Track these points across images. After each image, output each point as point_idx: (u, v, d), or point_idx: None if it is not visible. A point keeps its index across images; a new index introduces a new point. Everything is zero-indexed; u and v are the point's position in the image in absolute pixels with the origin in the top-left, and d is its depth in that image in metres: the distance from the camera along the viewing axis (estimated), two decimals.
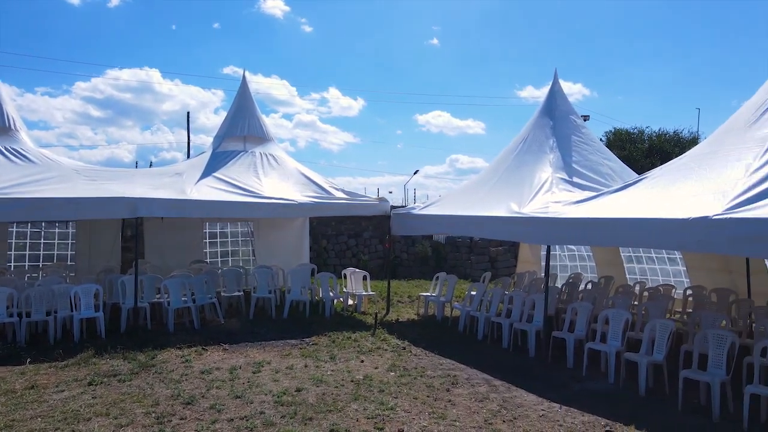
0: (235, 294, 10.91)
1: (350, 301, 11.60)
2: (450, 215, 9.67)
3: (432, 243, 18.44)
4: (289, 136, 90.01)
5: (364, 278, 11.87)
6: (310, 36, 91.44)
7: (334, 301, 11.20)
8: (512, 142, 10.81)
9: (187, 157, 28.77)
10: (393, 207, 12.21)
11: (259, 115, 12.39)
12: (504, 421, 5.60)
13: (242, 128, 11.93)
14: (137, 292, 9.21)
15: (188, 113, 34.40)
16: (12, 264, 12.10)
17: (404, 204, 23.74)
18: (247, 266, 13.38)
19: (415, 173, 43.53)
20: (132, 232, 12.55)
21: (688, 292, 10.05)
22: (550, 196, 8.56)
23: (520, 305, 8.90)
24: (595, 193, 8.20)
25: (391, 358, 7.88)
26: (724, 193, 5.95)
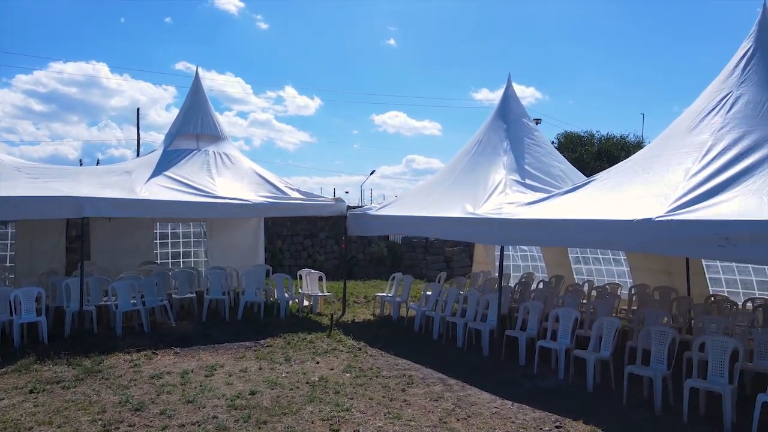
0: (188, 296, 10.66)
1: (306, 302, 11.51)
2: (406, 216, 9.74)
3: (388, 243, 18.52)
4: (244, 135, 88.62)
5: (320, 279, 11.80)
6: (266, 33, 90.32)
7: (290, 303, 11.10)
8: (468, 143, 10.98)
9: (137, 155, 27.93)
10: (349, 207, 12.19)
11: (213, 113, 12.17)
12: (458, 420, 5.68)
13: (195, 126, 11.69)
14: (83, 295, 8.88)
15: (138, 109, 33.14)
16: None
17: (361, 204, 23.77)
18: (199, 267, 13.11)
19: (372, 173, 43.85)
20: (77, 232, 12.08)
21: (633, 290, 10.47)
22: (504, 198, 8.75)
23: (475, 305, 9.05)
24: (546, 195, 8.42)
25: (347, 359, 7.87)
26: (666, 196, 6.25)
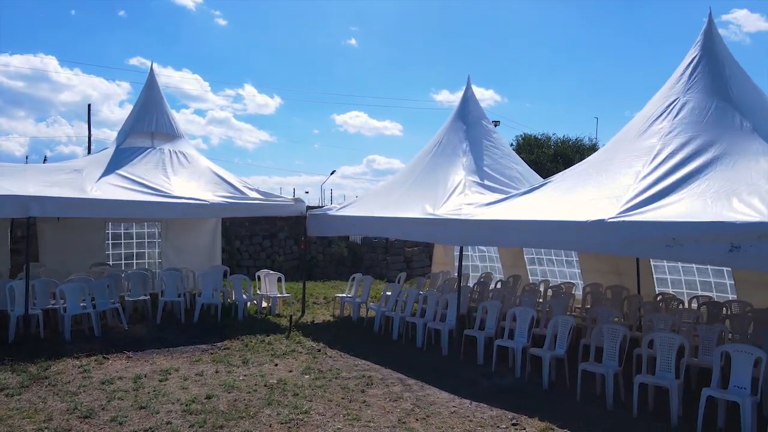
0: (141, 298, 10.35)
1: (264, 304, 11.36)
2: (366, 216, 9.73)
3: (348, 244, 18.46)
4: (202, 133, 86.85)
5: (279, 280, 11.67)
6: (225, 30, 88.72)
7: (248, 304, 10.92)
8: (428, 144, 11.08)
9: (88, 152, 26.88)
10: (309, 207, 12.09)
11: (169, 110, 11.89)
12: (417, 420, 5.71)
13: (150, 123, 11.38)
14: (28, 298, 8.49)
15: (89, 105, 31.93)
16: None
17: (321, 204, 23.65)
18: (154, 269, 12.74)
19: (333, 173, 43.68)
20: (23, 232, 11.54)
21: (587, 289, 10.76)
22: (463, 198, 8.86)
23: (434, 305, 9.12)
24: (504, 196, 8.56)
25: (306, 361, 7.80)
26: (618, 198, 6.45)
